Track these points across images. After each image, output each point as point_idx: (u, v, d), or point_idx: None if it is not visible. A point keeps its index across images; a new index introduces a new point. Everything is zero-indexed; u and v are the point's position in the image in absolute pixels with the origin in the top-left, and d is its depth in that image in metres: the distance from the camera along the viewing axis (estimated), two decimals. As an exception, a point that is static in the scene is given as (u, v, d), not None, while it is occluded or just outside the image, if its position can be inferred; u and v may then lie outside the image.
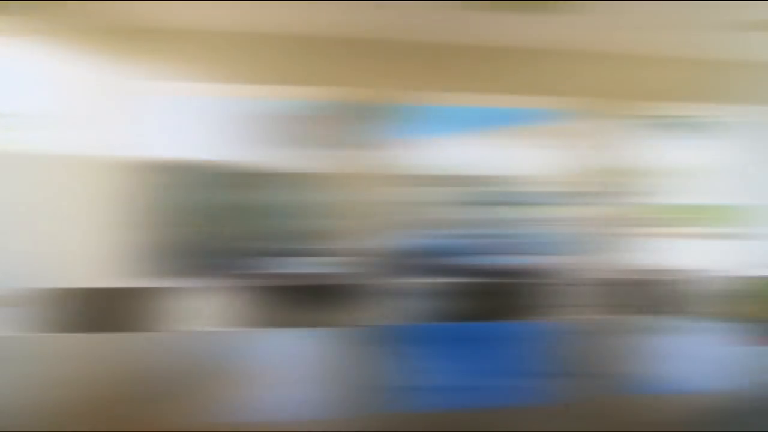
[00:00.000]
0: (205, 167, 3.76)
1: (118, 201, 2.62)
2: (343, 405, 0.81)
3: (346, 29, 2.79)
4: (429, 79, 3.00)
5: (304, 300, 1.72)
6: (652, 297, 1.92)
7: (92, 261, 2.54)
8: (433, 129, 7.69)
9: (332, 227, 3.51)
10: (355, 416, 0.78)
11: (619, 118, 3.22)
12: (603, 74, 3.21)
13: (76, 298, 1.60)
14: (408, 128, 3.32)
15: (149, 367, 1.00)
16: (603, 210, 3.20)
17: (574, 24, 2.69)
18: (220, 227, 3.71)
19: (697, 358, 1.18)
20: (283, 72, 2.80)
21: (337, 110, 2.88)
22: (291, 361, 1.04)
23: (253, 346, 1.17)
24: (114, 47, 2.55)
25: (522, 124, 7.93)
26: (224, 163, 3.92)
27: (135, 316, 1.64)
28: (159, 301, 1.67)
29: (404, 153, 3.14)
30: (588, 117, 3.19)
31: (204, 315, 1.71)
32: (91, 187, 2.56)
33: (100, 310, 1.62)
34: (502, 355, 1.23)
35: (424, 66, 2.99)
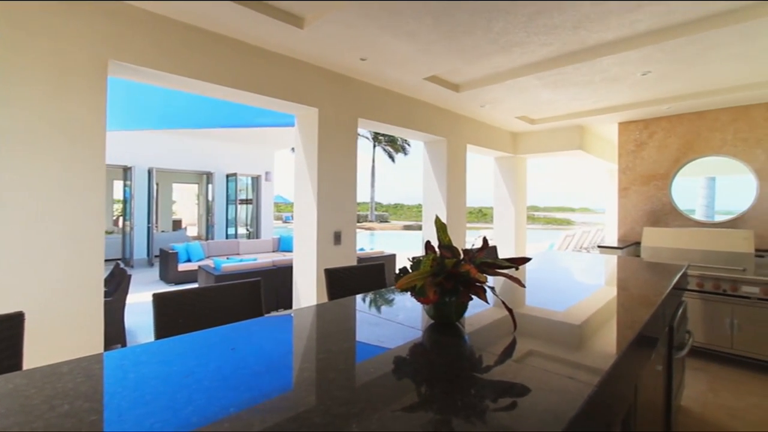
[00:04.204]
0: None
1: None
2: None
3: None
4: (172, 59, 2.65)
5: None
6: (366, 277, 2.41)
7: None
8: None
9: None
10: None
11: (349, 129, 3.82)
12: (335, 89, 3.71)
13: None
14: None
15: None
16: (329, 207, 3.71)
17: (311, 39, 2.99)
18: None
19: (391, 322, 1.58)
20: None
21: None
22: None
23: None
24: None
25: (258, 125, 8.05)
26: None
27: None
28: None
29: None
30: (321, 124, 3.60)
31: None
32: None
33: None
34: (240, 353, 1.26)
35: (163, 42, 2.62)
